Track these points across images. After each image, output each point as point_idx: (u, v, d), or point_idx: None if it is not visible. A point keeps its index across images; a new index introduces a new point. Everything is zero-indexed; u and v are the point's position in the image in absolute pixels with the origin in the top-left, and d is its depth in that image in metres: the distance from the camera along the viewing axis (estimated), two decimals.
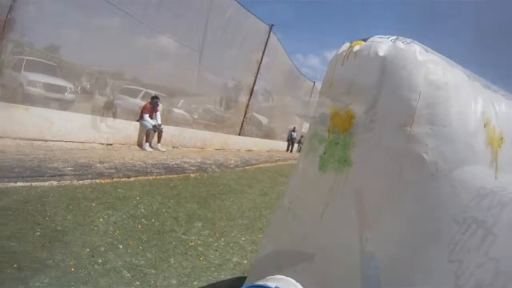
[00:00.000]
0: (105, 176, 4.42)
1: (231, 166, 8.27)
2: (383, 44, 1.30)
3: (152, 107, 7.78)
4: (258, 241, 3.43)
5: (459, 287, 0.54)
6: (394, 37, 1.32)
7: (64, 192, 3.46)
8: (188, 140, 9.46)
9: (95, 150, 6.06)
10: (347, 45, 1.52)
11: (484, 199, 0.63)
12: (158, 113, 8.00)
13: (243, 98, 13.67)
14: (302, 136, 26.80)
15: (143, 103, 8.24)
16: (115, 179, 4.38)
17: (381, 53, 1.28)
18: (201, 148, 10.08)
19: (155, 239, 2.87)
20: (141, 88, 9.23)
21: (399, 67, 1.23)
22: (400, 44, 1.26)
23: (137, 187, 4.29)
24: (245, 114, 13.92)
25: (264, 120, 17.51)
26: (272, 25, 13.79)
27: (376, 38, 1.36)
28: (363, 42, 1.41)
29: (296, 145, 23.12)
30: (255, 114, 15.79)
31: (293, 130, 21.94)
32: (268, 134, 17.48)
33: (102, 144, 6.60)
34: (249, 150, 14.06)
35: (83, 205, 3.20)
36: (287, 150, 20.63)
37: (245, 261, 2.89)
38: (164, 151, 7.72)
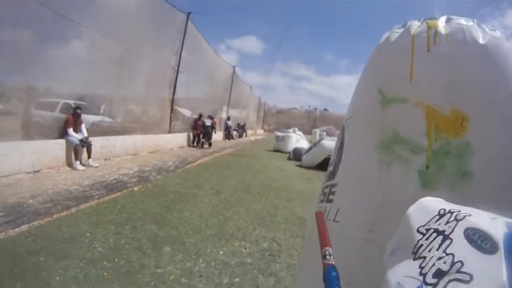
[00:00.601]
0: (43, 214, 3.93)
1: (171, 169, 8.00)
2: (475, 29, 1.12)
3: (75, 119, 7.20)
4: (238, 252, 3.35)
5: (423, 274, 0.66)
6: (472, 20, 1.16)
7: (2, 250, 2.93)
8: (119, 149, 8.93)
9: (23, 182, 5.38)
10: (419, 25, 1.26)
11: (443, 217, 0.77)
12: (83, 125, 7.44)
13: (166, 93, 13.19)
14: (238, 124, 27.11)
15: (62, 116, 7.58)
16: (55, 216, 3.92)
17: (481, 40, 1.11)
18: (134, 155, 9.61)
19: (129, 284, 2.56)
20: (58, 100, 8.31)
21: (506, 59, 1.11)
22: (494, 32, 1.12)
23: (82, 219, 3.90)
24: (171, 110, 13.52)
25: (187, 113, 17.24)
26: (189, 13, 13.43)
27: (455, 20, 1.18)
28: (438, 23, 1.20)
29: (235, 133, 23.45)
30: (178, 108, 15.41)
31: (228, 119, 22.08)
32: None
33: (29, 172, 5.90)
34: (182, 147, 13.79)
35: (30, 264, 2.72)
36: (224, 139, 20.64)
37: (236, 279, 2.77)
38: (97, 166, 7.21)
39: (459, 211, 0.77)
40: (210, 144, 15.32)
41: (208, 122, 15.84)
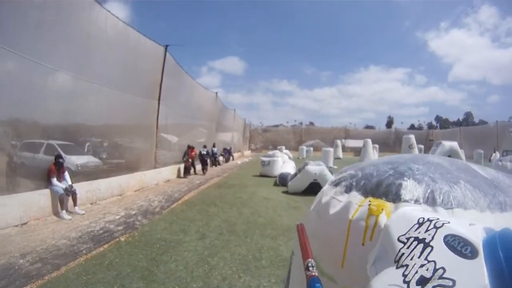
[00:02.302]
0: (34, 276, 4.03)
1: (157, 210, 8.09)
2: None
3: (57, 168, 7.29)
4: None
5: (407, 282, 0.71)
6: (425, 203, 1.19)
7: None
8: (104, 192, 9.00)
9: (11, 237, 5.47)
10: (361, 201, 1.33)
11: (422, 225, 0.82)
12: (66, 173, 7.52)
13: (149, 122, 13.21)
14: (224, 149, 27.23)
15: (47, 158, 7.62)
16: (46, 278, 4.02)
17: None
18: (120, 195, 9.68)
19: None
20: (42, 141, 8.06)
21: None
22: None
23: (72, 280, 4.00)
24: (156, 144, 13.59)
25: (173, 139, 17.29)
26: (167, 45, 13.71)
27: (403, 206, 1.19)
28: (382, 208, 1.23)
29: (221, 158, 23.47)
30: (163, 135, 15.49)
31: (213, 146, 22.16)
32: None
33: (17, 226, 6.02)
34: (168, 180, 13.83)
35: None
36: (211, 166, 20.59)
37: None
38: (83, 214, 7.29)
39: (438, 219, 0.84)
40: (206, 170, 17.82)
41: (204, 151, 18.22)
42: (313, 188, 10.77)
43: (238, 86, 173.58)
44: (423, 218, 0.85)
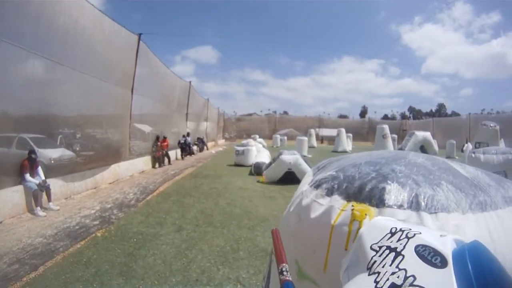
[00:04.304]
0: (12, 278, 4.00)
1: (132, 203, 8.08)
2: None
3: (30, 164, 7.16)
4: None
5: None
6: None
7: None
8: (78, 186, 8.89)
9: None
10: (343, 206, 1.34)
11: (394, 235, 0.86)
12: (39, 168, 7.39)
13: (122, 112, 12.94)
14: (198, 138, 27.12)
15: (19, 152, 7.37)
16: (24, 279, 3.99)
17: None
18: (95, 188, 9.60)
19: None
20: (14, 134, 7.68)
21: None
22: None
23: (51, 280, 3.99)
24: (130, 135, 13.40)
25: (147, 129, 17.10)
26: (140, 34, 13.48)
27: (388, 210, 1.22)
28: (366, 213, 1.25)
29: (195, 148, 23.41)
30: (137, 125, 15.28)
31: (187, 135, 22.08)
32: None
33: None
34: (143, 171, 13.74)
35: None
36: (182, 157, 20.57)
37: None
38: (58, 209, 7.20)
39: (410, 229, 0.87)
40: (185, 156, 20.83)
41: (182, 140, 21.25)
42: (288, 177, 10.98)
43: (212, 75, 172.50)
44: (396, 228, 0.89)
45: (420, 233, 0.84)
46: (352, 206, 1.29)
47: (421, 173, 1.41)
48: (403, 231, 0.87)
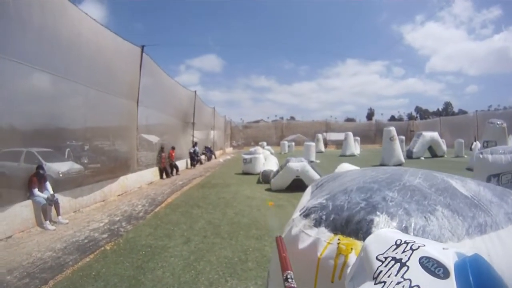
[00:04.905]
0: None
1: (141, 215, 8.10)
2: None
3: (39, 179, 7.22)
4: None
5: None
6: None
7: None
8: (87, 199, 8.95)
9: None
10: (329, 239, 1.35)
11: (399, 246, 0.89)
12: (48, 183, 7.46)
13: (129, 123, 13.04)
14: (205, 147, 27.30)
15: (27, 166, 7.48)
16: None
17: None
18: (103, 201, 9.65)
19: None
20: (22, 149, 7.93)
21: None
22: None
23: None
24: (137, 146, 13.49)
25: (154, 139, 17.23)
26: (143, 46, 13.61)
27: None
28: (352, 247, 1.27)
29: (203, 157, 23.58)
30: (144, 135, 15.41)
31: (195, 145, 22.23)
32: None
33: (1, 240, 5.98)
34: (151, 183, 13.79)
35: None
36: (191, 166, 20.71)
37: None
38: (67, 223, 7.25)
39: (414, 241, 0.91)
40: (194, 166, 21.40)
41: (191, 150, 21.61)
42: (296, 185, 10.93)
43: (217, 83, 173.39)
44: (401, 240, 0.93)
45: (424, 245, 0.87)
46: (338, 240, 1.30)
47: (415, 199, 1.40)
48: (407, 243, 0.90)
